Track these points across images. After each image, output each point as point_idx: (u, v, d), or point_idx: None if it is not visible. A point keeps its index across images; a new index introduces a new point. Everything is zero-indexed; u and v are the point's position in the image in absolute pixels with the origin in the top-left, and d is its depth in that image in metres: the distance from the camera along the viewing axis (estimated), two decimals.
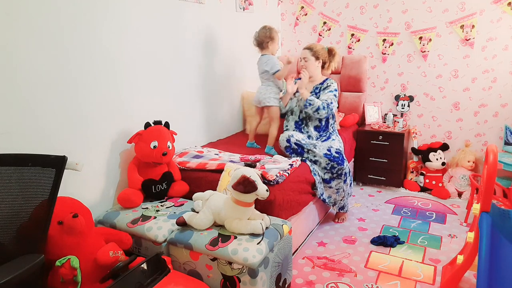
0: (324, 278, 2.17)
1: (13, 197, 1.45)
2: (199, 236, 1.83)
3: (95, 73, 2.07)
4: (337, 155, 2.57)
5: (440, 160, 3.38)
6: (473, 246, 1.76)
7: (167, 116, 2.51)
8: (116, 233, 1.87)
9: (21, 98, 1.74)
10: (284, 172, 2.25)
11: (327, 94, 2.74)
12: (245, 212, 1.85)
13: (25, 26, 1.72)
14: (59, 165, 1.46)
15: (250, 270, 1.68)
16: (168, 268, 1.71)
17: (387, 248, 2.46)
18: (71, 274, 1.55)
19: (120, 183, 2.31)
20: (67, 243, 1.62)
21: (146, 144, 2.19)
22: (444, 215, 2.93)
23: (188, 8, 2.73)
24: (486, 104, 3.28)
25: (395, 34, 3.49)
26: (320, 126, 2.79)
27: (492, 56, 3.17)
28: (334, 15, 3.75)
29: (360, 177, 3.54)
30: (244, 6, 3.40)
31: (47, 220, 1.44)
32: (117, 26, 2.18)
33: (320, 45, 2.82)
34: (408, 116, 3.62)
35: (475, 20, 3.15)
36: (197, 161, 2.44)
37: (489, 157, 1.71)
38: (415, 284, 2.10)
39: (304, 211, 2.45)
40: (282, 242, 1.91)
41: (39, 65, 1.80)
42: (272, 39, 2.81)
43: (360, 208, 3.09)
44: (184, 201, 2.23)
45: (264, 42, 2.81)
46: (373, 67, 3.68)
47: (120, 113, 2.26)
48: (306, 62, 2.77)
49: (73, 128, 1.98)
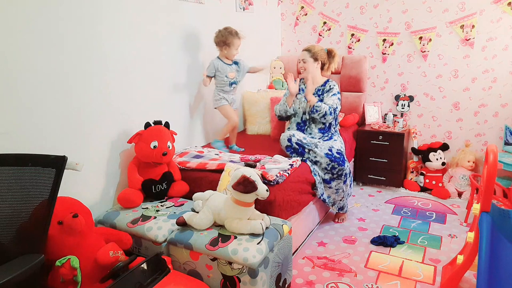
0: (324, 278, 2.17)
1: (13, 197, 1.45)
2: (199, 236, 1.83)
3: (95, 72, 2.07)
4: (338, 156, 2.57)
5: (440, 160, 3.38)
6: (473, 246, 1.76)
7: (167, 116, 2.51)
8: (116, 233, 1.87)
9: (21, 98, 1.74)
10: (284, 172, 2.25)
11: (331, 98, 2.73)
12: (245, 212, 1.85)
13: (25, 26, 1.72)
14: (59, 165, 1.46)
15: (250, 270, 1.68)
16: (168, 268, 1.71)
17: (387, 248, 2.46)
18: (71, 274, 1.55)
19: (120, 183, 2.31)
20: (67, 243, 1.62)
21: (146, 144, 2.19)
22: (444, 215, 2.93)
23: (188, 8, 2.73)
24: (486, 104, 3.28)
25: (395, 34, 3.49)
26: (324, 128, 2.79)
27: (492, 56, 3.16)
28: (334, 15, 3.75)
29: (360, 177, 3.54)
30: (244, 6, 3.40)
31: (47, 220, 1.44)
32: (117, 26, 2.17)
33: (319, 46, 2.82)
34: (408, 116, 3.62)
35: (475, 20, 3.15)
36: (197, 161, 2.44)
37: (489, 157, 1.71)
38: (415, 284, 2.10)
39: (304, 211, 2.45)
40: (282, 242, 1.91)
41: (39, 65, 1.80)
42: (227, 45, 2.64)
43: (360, 208, 3.09)
44: (184, 201, 2.23)
45: (218, 45, 2.69)
46: (373, 67, 3.68)
47: (120, 113, 2.26)
48: (305, 63, 2.77)
49: (73, 128, 1.98)
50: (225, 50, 2.68)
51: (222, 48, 2.69)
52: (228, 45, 2.66)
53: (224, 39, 2.65)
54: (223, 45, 2.67)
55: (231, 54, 2.71)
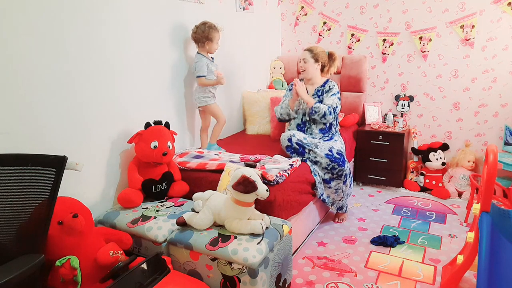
0: (324, 278, 2.17)
1: (13, 197, 1.45)
2: (199, 236, 1.83)
3: (95, 73, 2.07)
4: (338, 156, 2.57)
5: (440, 160, 3.38)
6: (473, 246, 1.76)
7: (167, 116, 2.51)
8: (116, 233, 1.87)
9: (21, 98, 1.74)
10: (284, 172, 2.25)
11: (331, 97, 2.73)
12: (245, 212, 1.85)
13: (25, 26, 1.72)
14: (59, 165, 1.46)
15: (250, 270, 1.68)
16: (168, 268, 1.71)
17: (387, 248, 2.46)
18: (71, 274, 1.55)
19: (120, 183, 2.31)
20: (67, 243, 1.62)
21: (146, 144, 2.19)
22: (444, 215, 2.93)
23: (188, 8, 2.73)
24: (486, 104, 3.28)
25: (395, 34, 3.49)
26: (324, 128, 2.79)
27: (492, 56, 3.17)
28: (334, 15, 3.75)
29: (360, 177, 3.54)
30: (244, 6, 3.40)
31: (47, 220, 1.44)
32: (117, 26, 2.17)
33: (321, 48, 2.82)
34: (408, 116, 3.62)
35: (475, 20, 3.15)
36: (197, 161, 2.44)
37: (489, 157, 1.71)
38: (415, 284, 2.10)
39: (304, 211, 2.45)
40: (282, 242, 1.91)
41: (39, 65, 1.80)
42: (209, 39, 2.61)
43: (360, 208, 3.09)
44: (184, 201, 2.23)
45: (200, 41, 2.63)
46: (373, 67, 3.68)
47: (120, 113, 2.26)
48: (305, 63, 2.77)
49: (73, 128, 1.98)
50: (208, 45, 2.64)
51: (204, 44, 2.64)
52: (211, 40, 2.62)
53: (206, 34, 2.60)
54: (206, 40, 2.62)
55: (213, 49, 2.68)
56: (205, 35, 2.60)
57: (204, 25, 2.61)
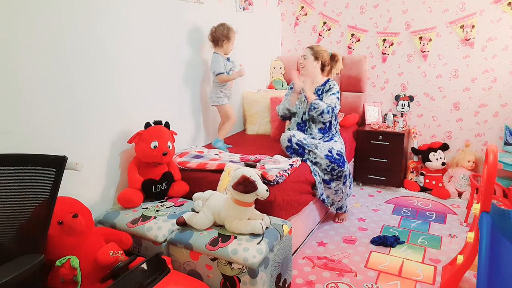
0: (324, 278, 2.17)
1: (13, 197, 1.45)
2: (199, 236, 1.83)
3: (95, 72, 2.07)
4: (338, 157, 2.57)
5: (440, 160, 3.38)
6: (473, 246, 1.76)
7: (167, 116, 2.51)
8: (116, 233, 1.87)
9: (21, 98, 1.74)
10: (284, 172, 2.25)
11: (330, 97, 2.74)
12: (245, 212, 1.85)
13: (25, 26, 1.72)
14: (59, 165, 1.46)
15: (250, 270, 1.68)
16: (168, 268, 1.71)
17: (387, 248, 2.46)
18: (71, 274, 1.55)
19: (120, 183, 2.31)
20: (67, 243, 1.62)
21: (146, 144, 2.19)
22: (444, 215, 2.93)
23: (188, 8, 2.73)
24: (486, 104, 3.28)
25: (395, 34, 3.49)
26: (324, 128, 2.79)
27: (492, 56, 3.16)
28: (334, 15, 3.75)
29: (360, 177, 3.54)
30: (244, 6, 3.40)
31: (47, 220, 1.44)
32: (118, 26, 2.17)
33: (323, 47, 2.82)
34: (408, 116, 3.62)
35: (475, 20, 3.15)
36: (197, 161, 2.44)
37: (489, 157, 1.71)
38: (415, 284, 2.10)
39: (304, 211, 2.45)
40: (282, 242, 1.91)
41: (39, 65, 1.80)
42: (228, 38, 2.75)
43: (360, 208, 3.09)
44: (184, 201, 2.23)
45: (220, 40, 2.75)
46: (373, 67, 3.68)
47: (120, 113, 2.26)
48: (305, 60, 2.78)
49: (73, 128, 1.98)
50: (225, 45, 2.76)
51: (222, 43, 2.75)
52: (229, 40, 2.75)
53: (226, 33, 2.74)
54: (225, 39, 2.74)
55: (229, 49, 2.80)
56: (225, 34, 2.74)
57: (223, 25, 2.76)
